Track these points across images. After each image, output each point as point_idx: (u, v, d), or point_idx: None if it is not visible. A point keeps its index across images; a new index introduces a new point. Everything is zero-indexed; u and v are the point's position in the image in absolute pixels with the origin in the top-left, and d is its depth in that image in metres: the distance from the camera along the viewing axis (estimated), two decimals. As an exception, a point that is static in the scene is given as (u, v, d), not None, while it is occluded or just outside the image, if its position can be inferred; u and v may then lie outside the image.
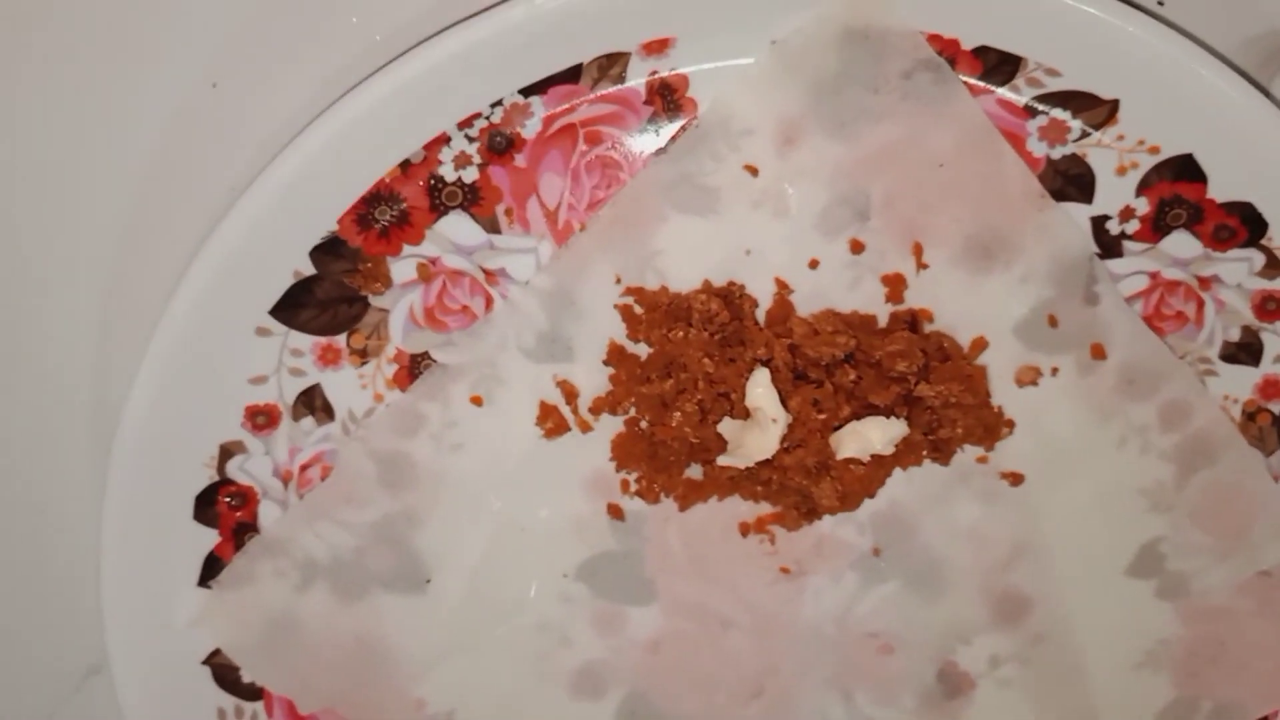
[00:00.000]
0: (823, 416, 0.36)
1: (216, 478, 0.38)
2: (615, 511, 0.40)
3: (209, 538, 0.39)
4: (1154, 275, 0.38)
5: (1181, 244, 0.38)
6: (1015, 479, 0.40)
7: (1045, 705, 0.42)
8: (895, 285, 0.38)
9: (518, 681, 0.41)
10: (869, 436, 0.36)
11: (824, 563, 0.41)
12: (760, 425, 0.36)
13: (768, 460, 0.37)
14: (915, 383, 0.37)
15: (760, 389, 0.35)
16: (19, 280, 0.38)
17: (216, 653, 0.40)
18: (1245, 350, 0.39)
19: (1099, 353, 0.39)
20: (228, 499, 0.39)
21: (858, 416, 0.37)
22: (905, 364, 0.36)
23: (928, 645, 0.42)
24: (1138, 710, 0.42)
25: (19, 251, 0.38)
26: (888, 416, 0.36)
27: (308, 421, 0.38)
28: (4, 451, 0.40)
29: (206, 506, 0.39)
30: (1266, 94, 0.35)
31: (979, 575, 0.41)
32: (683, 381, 0.37)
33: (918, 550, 0.41)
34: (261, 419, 0.38)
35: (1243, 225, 0.37)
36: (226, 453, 0.38)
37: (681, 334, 0.36)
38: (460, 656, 0.41)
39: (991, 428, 0.38)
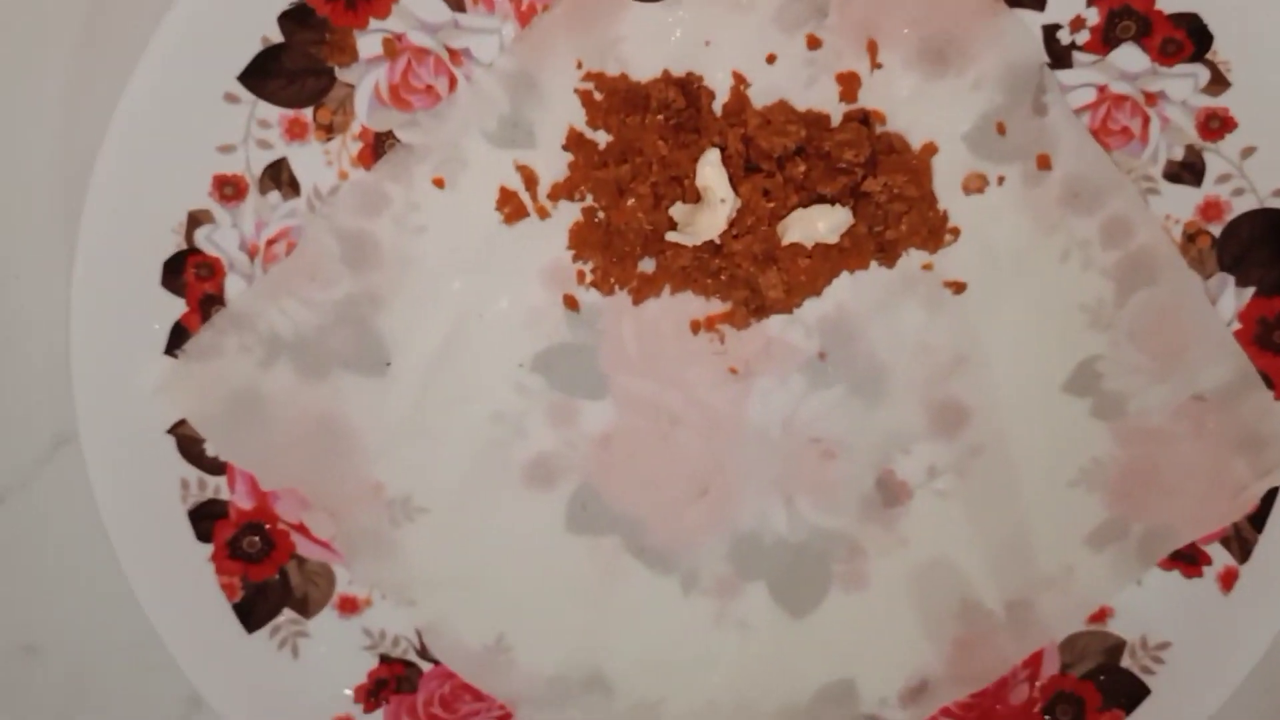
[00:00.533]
0: (771, 205, 0.37)
1: (185, 246, 0.39)
2: (571, 303, 0.41)
3: (176, 306, 0.40)
4: (1102, 89, 0.39)
5: (1129, 57, 0.39)
6: (958, 287, 0.41)
7: (979, 518, 0.43)
8: (849, 84, 0.38)
9: (473, 469, 0.43)
10: (815, 223, 0.37)
11: (772, 364, 0.42)
12: (710, 205, 0.37)
13: (717, 247, 0.38)
14: (862, 176, 0.38)
15: (709, 168, 0.36)
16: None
17: (182, 423, 0.41)
18: (1188, 170, 0.40)
19: (1045, 163, 0.40)
20: (195, 268, 0.40)
21: (805, 207, 0.38)
22: (853, 154, 0.37)
23: (868, 452, 0.43)
24: (1070, 528, 0.43)
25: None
26: (834, 205, 0.38)
27: (274, 195, 0.39)
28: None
29: (175, 275, 0.40)
30: (1217, -102, 0.36)
31: (920, 384, 0.42)
32: (638, 166, 0.38)
33: (862, 356, 0.42)
34: (229, 189, 0.39)
35: (1189, 38, 0.38)
36: (195, 220, 0.39)
37: (639, 120, 0.37)
38: (418, 441, 0.42)
39: (936, 230, 0.39)
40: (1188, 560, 0.43)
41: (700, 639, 0.44)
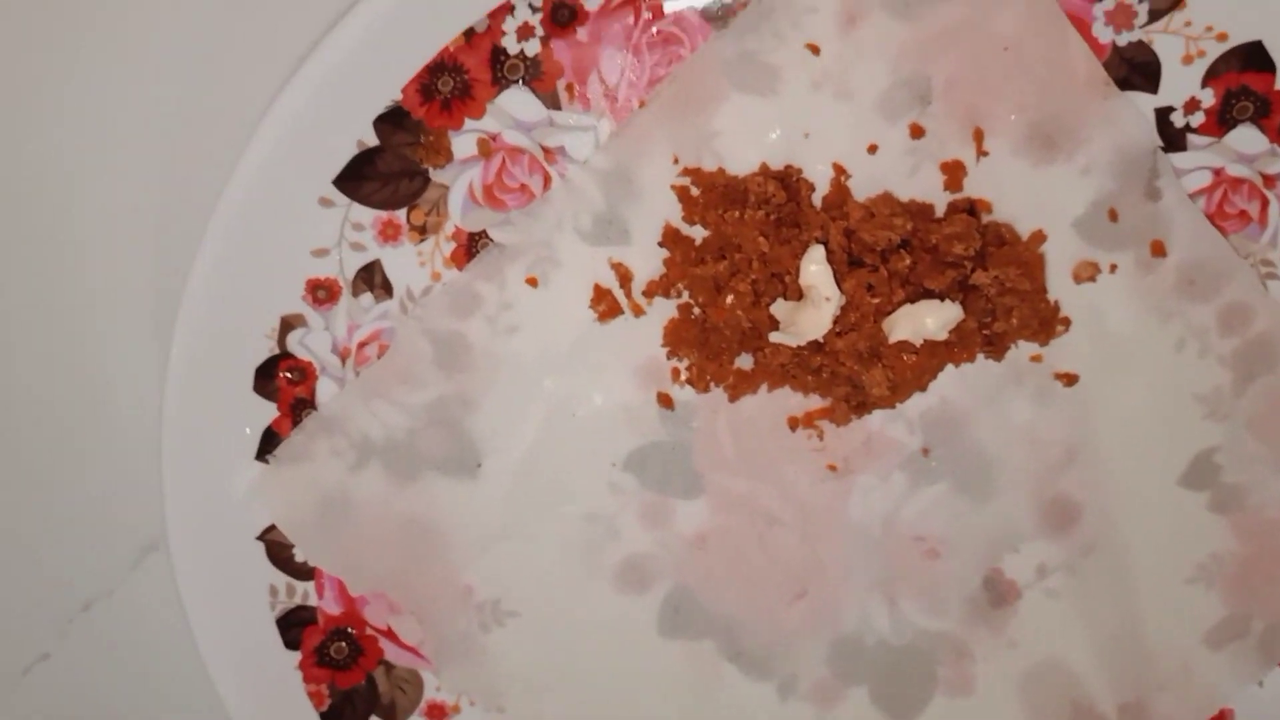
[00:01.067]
0: (876, 301, 0.36)
1: (277, 350, 0.39)
2: (665, 400, 0.40)
3: (268, 411, 0.39)
4: (1218, 171, 0.38)
5: (1247, 139, 0.37)
6: (1069, 379, 0.39)
7: (1092, 618, 0.42)
8: (954, 173, 0.37)
9: (564, 571, 0.42)
10: (923, 320, 0.36)
11: (872, 461, 0.41)
12: (814, 304, 0.36)
13: (819, 344, 0.37)
14: (971, 269, 0.36)
15: (815, 265, 0.35)
16: (85, 146, 0.39)
17: (271, 529, 0.41)
18: (1310, 253, 0.38)
19: (1159, 250, 0.38)
20: (287, 373, 0.39)
21: (912, 302, 0.37)
22: (962, 247, 0.36)
23: (975, 551, 0.41)
24: (1187, 627, 0.42)
25: (87, 117, 0.39)
26: (942, 301, 0.36)
27: (366, 298, 0.39)
28: (70, 324, 0.41)
29: (266, 379, 0.39)
30: (1339, -23, 0.35)
31: (1029, 480, 0.41)
32: (737, 263, 0.37)
33: (968, 452, 0.40)
34: (322, 293, 0.39)
35: (1311, 119, 0.37)
36: (287, 325, 0.39)
37: (737, 216, 0.37)
38: (508, 543, 0.41)
39: (1047, 321, 0.38)
40: (1314, 660, 0.41)
41: (800, 746, 0.43)
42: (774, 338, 0.36)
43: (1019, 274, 0.36)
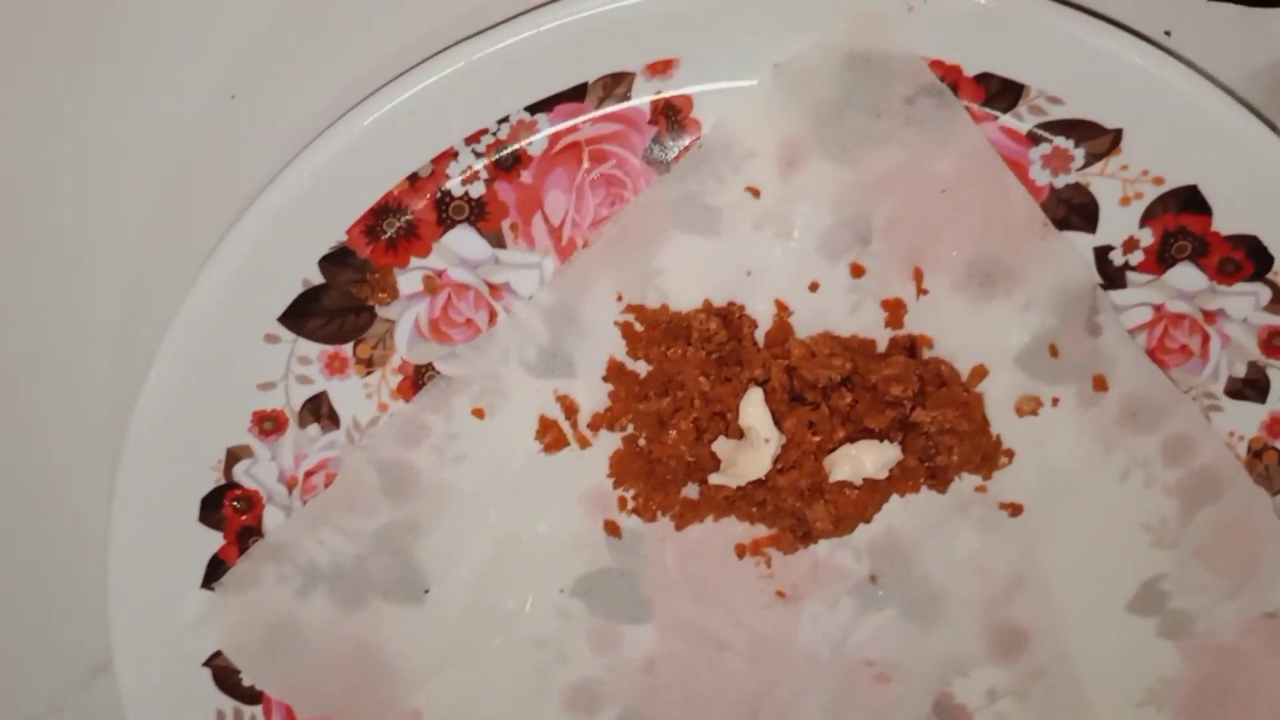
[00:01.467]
0: (817, 439, 0.36)
1: (223, 481, 0.39)
2: (612, 529, 0.40)
3: (214, 540, 0.40)
4: (1158, 307, 0.38)
5: (1186, 276, 0.38)
6: (1014, 509, 0.40)
7: (1043, 741, 0.42)
8: (895, 310, 0.38)
9: (513, 696, 0.42)
10: (862, 460, 0.36)
11: (820, 588, 0.41)
12: (753, 445, 0.36)
13: (761, 481, 0.37)
14: (911, 408, 0.37)
15: (753, 408, 0.36)
16: (39, 281, 0.40)
17: (218, 654, 0.41)
18: (1251, 386, 0.39)
19: (1101, 384, 0.38)
20: (233, 502, 0.39)
21: (852, 440, 0.37)
22: (900, 388, 0.36)
23: (924, 676, 0.41)
24: (1140, 751, 0.42)
25: (40, 253, 0.39)
26: (882, 441, 0.36)
27: (313, 429, 0.39)
28: (17, 449, 0.41)
29: (212, 509, 0.39)
30: (1272, 127, 0.35)
31: (977, 606, 0.41)
32: (679, 400, 0.37)
33: (915, 579, 0.41)
34: (269, 424, 0.39)
35: (1248, 259, 0.37)
36: (234, 456, 0.39)
37: (680, 352, 0.37)
38: (457, 668, 0.41)
39: (989, 456, 0.38)
40: (1267, 783, 0.41)
41: None
42: (714, 479, 0.36)
43: (957, 415, 0.36)
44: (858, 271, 0.38)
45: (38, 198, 0.39)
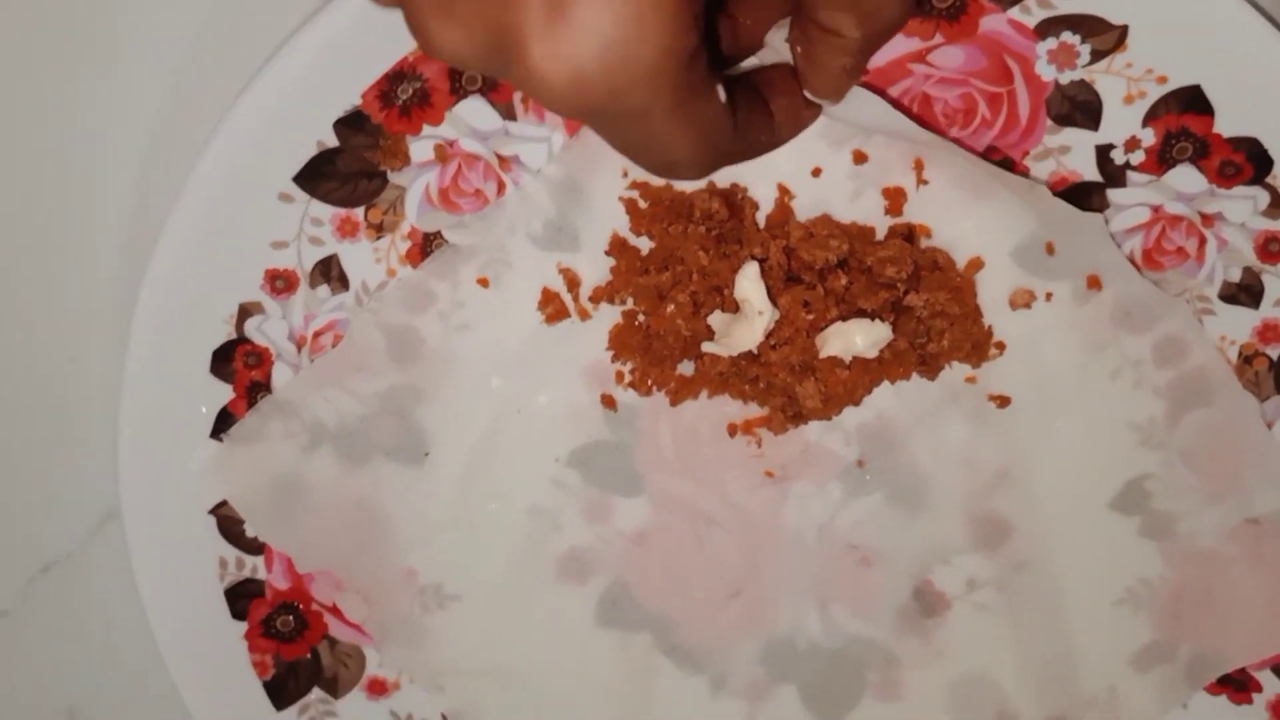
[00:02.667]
0: (810, 317, 0.37)
1: (234, 335, 0.40)
2: (609, 402, 0.41)
3: (224, 392, 0.41)
4: (1156, 209, 0.38)
5: (1186, 178, 0.38)
6: (1003, 401, 0.40)
7: (1020, 634, 0.43)
8: (895, 198, 0.38)
9: (506, 560, 0.43)
10: (853, 337, 0.37)
11: (809, 470, 0.42)
12: (747, 317, 0.37)
13: (754, 356, 0.38)
14: (904, 291, 0.37)
15: (748, 281, 0.36)
16: (62, 137, 0.41)
17: (223, 504, 0.42)
18: (1245, 291, 0.39)
19: (1095, 283, 0.39)
20: (245, 357, 0.41)
21: (845, 320, 0.38)
22: (895, 270, 0.37)
23: (906, 562, 0.42)
24: (1114, 648, 0.42)
25: (61, 108, 0.40)
26: (874, 321, 0.37)
27: (323, 289, 0.40)
28: (35, 299, 0.43)
29: (223, 362, 0.41)
30: (1276, 25, 0.35)
31: (962, 496, 0.42)
32: (679, 274, 0.38)
33: (902, 465, 0.42)
34: (280, 283, 0.40)
35: (1248, 162, 0.37)
36: (245, 312, 0.40)
37: (681, 229, 0.38)
38: (452, 531, 0.43)
39: (980, 344, 0.39)
40: (1237, 686, 0.42)
41: (730, 741, 0.44)
42: (706, 348, 0.37)
43: (949, 298, 0.37)
44: (860, 159, 0.38)
45: (61, 56, 0.39)
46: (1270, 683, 0.41)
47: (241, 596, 0.43)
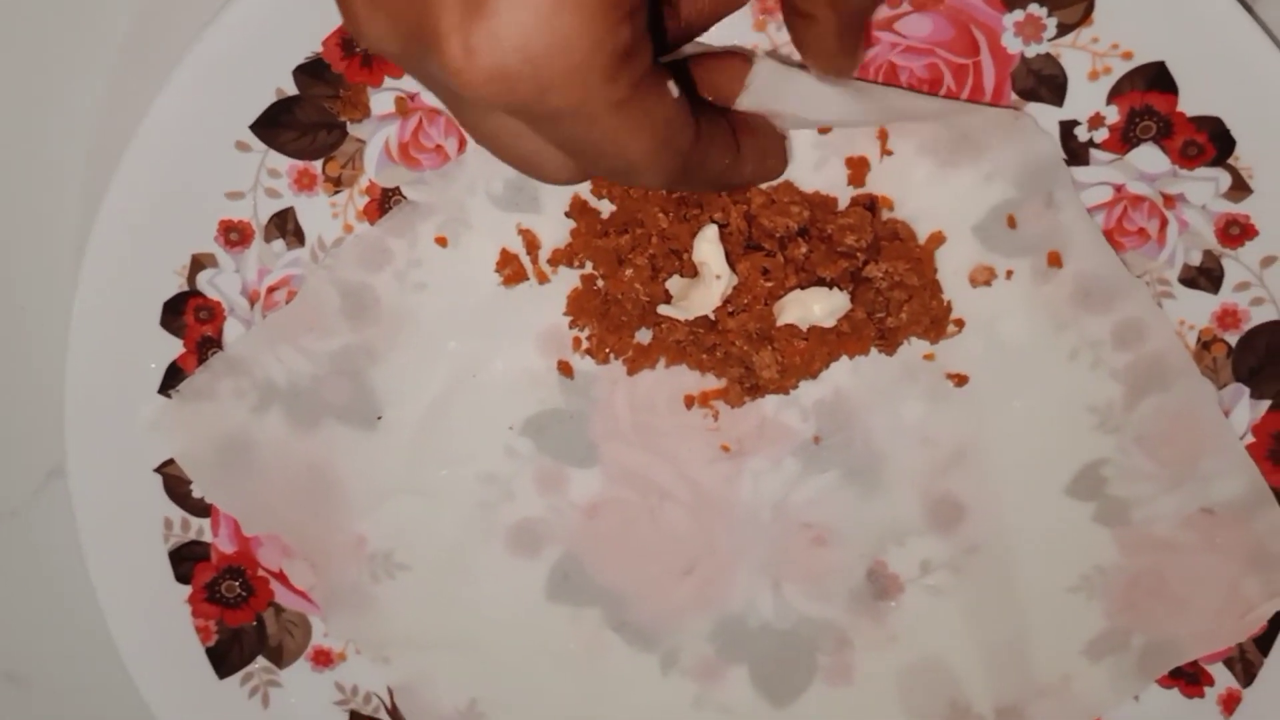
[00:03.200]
0: (769, 285, 0.37)
1: (186, 288, 0.40)
2: (565, 369, 0.41)
3: (174, 347, 0.40)
4: (1119, 188, 0.38)
5: (1149, 158, 0.38)
6: (960, 380, 0.40)
7: (973, 618, 0.42)
8: (858, 168, 0.38)
9: (457, 530, 0.42)
10: (810, 305, 0.37)
11: (765, 445, 0.41)
12: (705, 281, 0.36)
13: (711, 323, 0.37)
14: (864, 262, 0.37)
15: (707, 244, 0.36)
16: (17, 83, 0.40)
17: (170, 463, 0.41)
18: (1205, 275, 0.39)
19: (1055, 260, 0.39)
20: (196, 311, 0.40)
21: (804, 289, 0.37)
22: (855, 238, 0.36)
23: (861, 542, 0.42)
24: (1067, 636, 0.42)
25: (16, 56, 0.40)
26: (832, 289, 0.37)
27: (278, 244, 0.40)
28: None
29: (174, 316, 0.40)
30: (1244, 4, 0.35)
31: (917, 476, 0.41)
32: (638, 238, 0.38)
33: (858, 443, 0.41)
34: (234, 235, 0.39)
35: (1210, 142, 0.37)
36: (198, 264, 0.39)
37: (642, 191, 0.37)
38: (403, 497, 0.42)
39: (938, 320, 0.39)
40: (1189, 679, 0.41)
41: (678, 720, 0.43)
42: (663, 310, 0.37)
43: (908, 268, 0.37)
44: (824, 129, 0.38)
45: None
46: (1222, 677, 0.41)
47: (186, 559, 0.42)
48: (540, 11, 0.23)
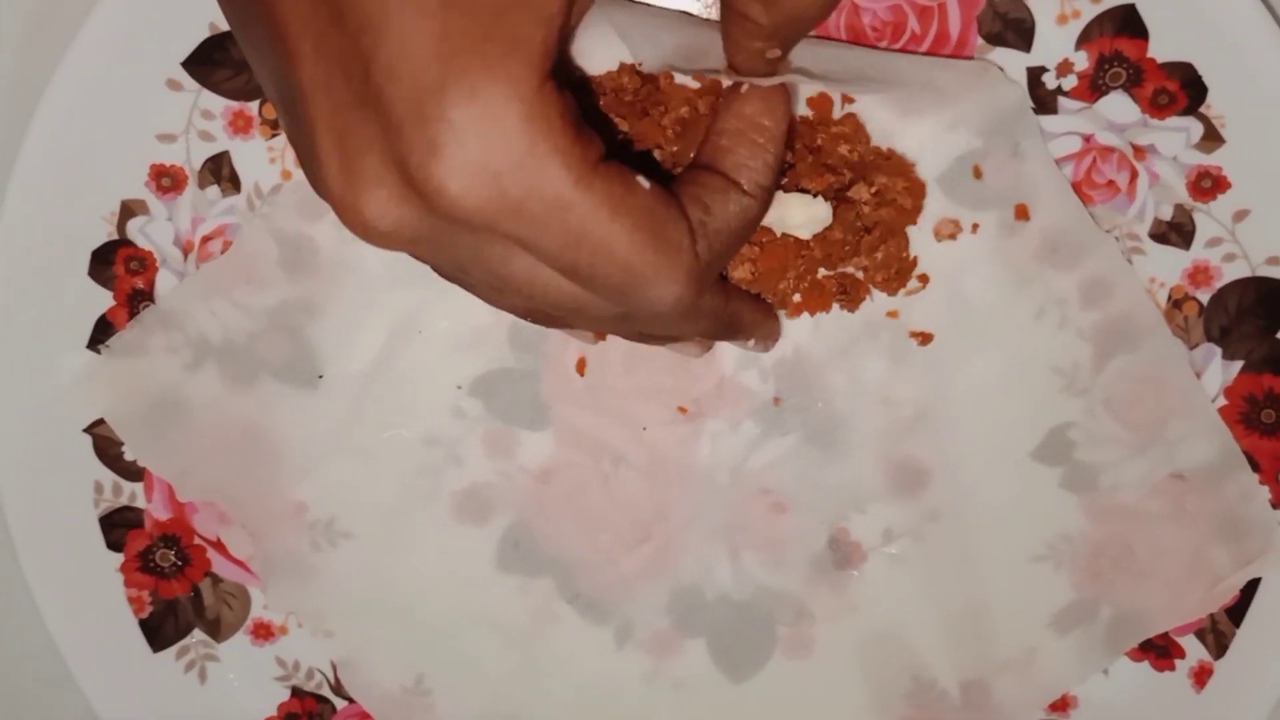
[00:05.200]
0: None
1: (116, 236, 0.38)
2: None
3: (103, 299, 0.38)
4: (1088, 138, 0.37)
5: (1119, 107, 0.37)
6: (925, 338, 0.39)
7: (936, 588, 0.41)
8: (821, 107, 0.37)
9: (402, 495, 0.41)
10: (790, 208, 0.34)
11: (724, 406, 0.40)
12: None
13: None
14: (850, 181, 0.35)
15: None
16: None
17: (99, 423, 0.39)
18: (1176, 231, 0.38)
19: (1022, 213, 0.38)
20: (126, 261, 0.38)
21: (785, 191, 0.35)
22: (847, 149, 0.35)
23: (821, 508, 0.41)
24: (1033, 607, 0.41)
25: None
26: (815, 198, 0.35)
27: (213, 190, 0.38)
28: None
29: (103, 266, 0.38)
30: (1215, -56, 0.34)
31: (879, 438, 0.40)
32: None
33: (819, 405, 0.40)
34: (166, 181, 0.38)
35: (1182, 90, 0.36)
36: (128, 211, 0.38)
37: (593, 103, 0.35)
38: (345, 460, 0.40)
39: (903, 270, 0.37)
40: (1159, 651, 0.40)
41: (632, 696, 0.42)
42: None
43: (905, 187, 0.35)
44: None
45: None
46: (1193, 649, 0.40)
47: (118, 526, 0.40)
48: (484, 127, 0.25)
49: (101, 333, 0.39)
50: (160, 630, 0.41)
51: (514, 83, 0.25)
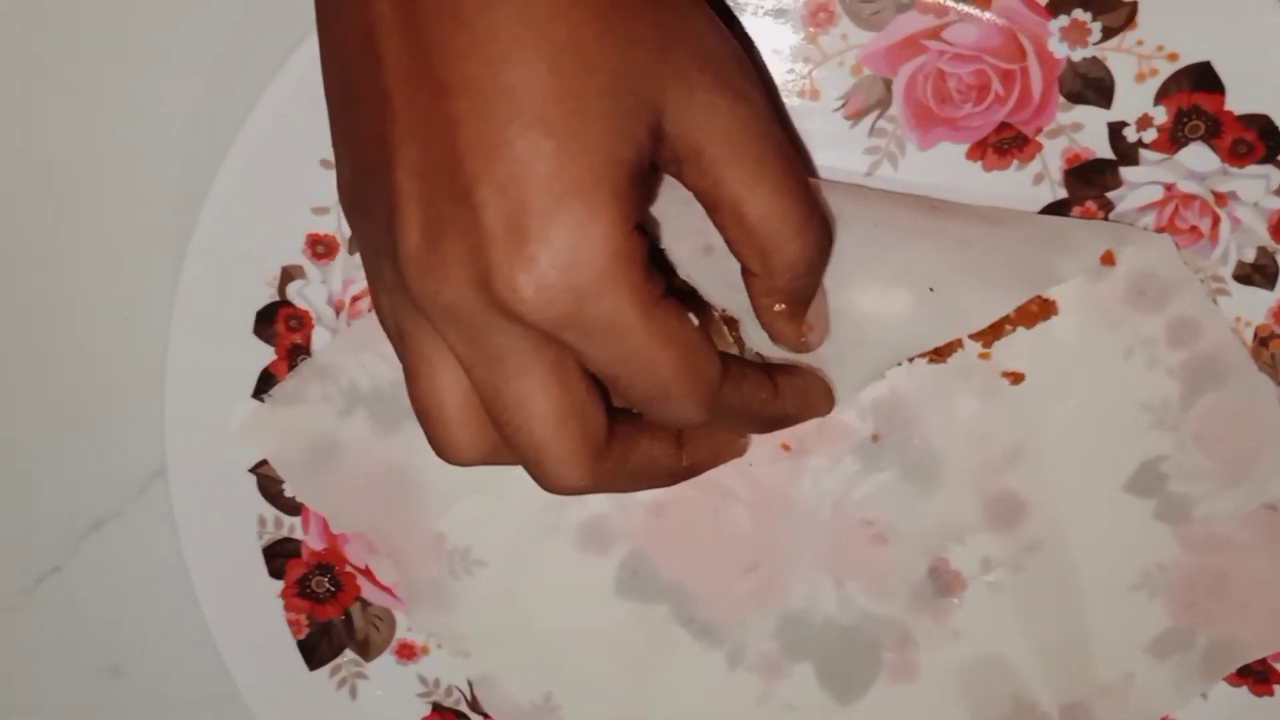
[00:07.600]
0: None
1: (277, 298, 0.42)
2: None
3: (265, 354, 0.43)
4: (1169, 187, 0.39)
5: (1198, 157, 0.39)
6: (1015, 378, 0.41)
7: (1035, 616, 0.43)
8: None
9: (530, 526, 0.44)
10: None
11: (825, 444, 0.43)
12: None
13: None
14: None
15: None
16: (113, 99, 0.43)
17: (263, 464, 0.44)
18: (1260, 272, 0.39)
19: (1109, 259, 0.40)
20: (286, 319, 0.43)
21: None
22: None
23: (921, 539, 0.43)
24: (1130, 634, 0.42)
25: (110, 71, 0.43)
26: None
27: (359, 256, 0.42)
28: (84, 260, 0.45)
29: (266, 324, 0.43)
30: (1284, 3, 0.36)
31: (975, 473, 0.42)
32: None
33: (916, 441, 0.42)
34: (320, 248, 0.42)
35: (1260, 140, 0.38)
36: (288, 275, 0.42)
37: None
38: (480, 496, 0.44)
39: (997, 326, 0.40)
40: (1257, 677, 0.41)
41: (747, 717, 0.44)
42: None
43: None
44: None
45: (110, 16, 0.42)
46: (1293, 675, 0.41)
47: (279, 555, 0.45)
48: (578, 256, 0.28)
49: (265, 384, 0.43)
50: (316, 650, 0.45)
51: (612, 227, 0.29)
